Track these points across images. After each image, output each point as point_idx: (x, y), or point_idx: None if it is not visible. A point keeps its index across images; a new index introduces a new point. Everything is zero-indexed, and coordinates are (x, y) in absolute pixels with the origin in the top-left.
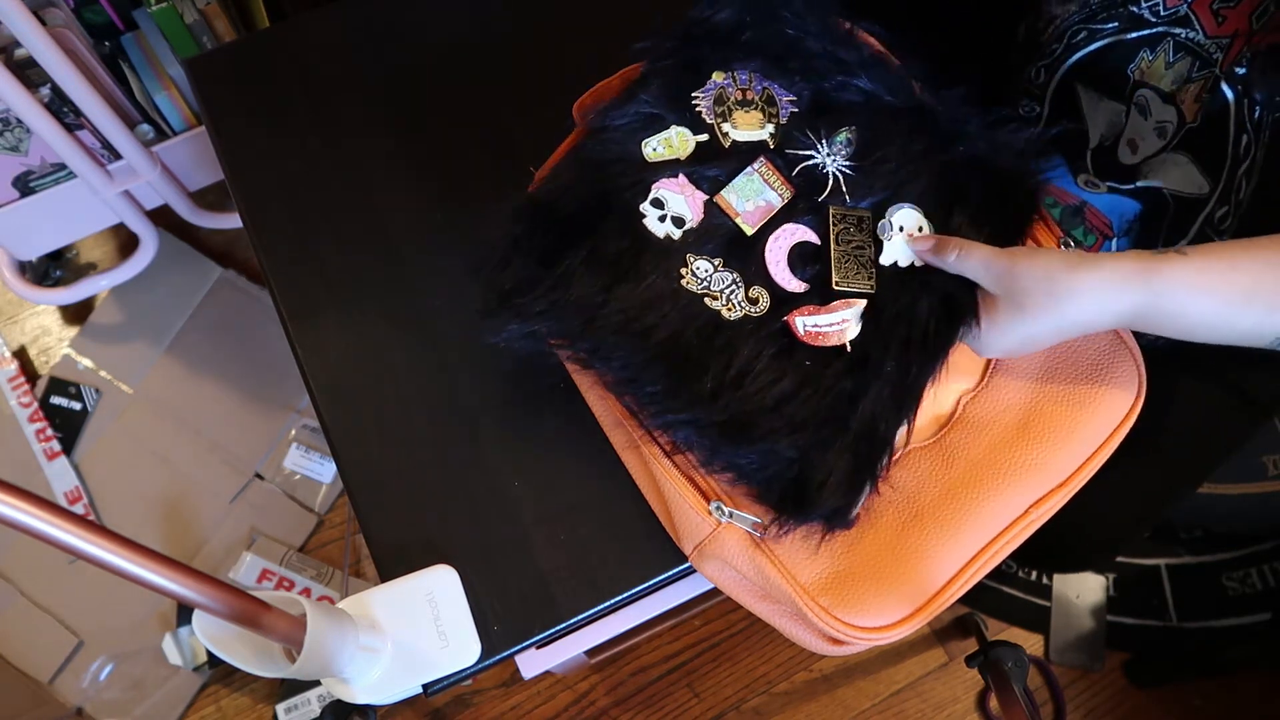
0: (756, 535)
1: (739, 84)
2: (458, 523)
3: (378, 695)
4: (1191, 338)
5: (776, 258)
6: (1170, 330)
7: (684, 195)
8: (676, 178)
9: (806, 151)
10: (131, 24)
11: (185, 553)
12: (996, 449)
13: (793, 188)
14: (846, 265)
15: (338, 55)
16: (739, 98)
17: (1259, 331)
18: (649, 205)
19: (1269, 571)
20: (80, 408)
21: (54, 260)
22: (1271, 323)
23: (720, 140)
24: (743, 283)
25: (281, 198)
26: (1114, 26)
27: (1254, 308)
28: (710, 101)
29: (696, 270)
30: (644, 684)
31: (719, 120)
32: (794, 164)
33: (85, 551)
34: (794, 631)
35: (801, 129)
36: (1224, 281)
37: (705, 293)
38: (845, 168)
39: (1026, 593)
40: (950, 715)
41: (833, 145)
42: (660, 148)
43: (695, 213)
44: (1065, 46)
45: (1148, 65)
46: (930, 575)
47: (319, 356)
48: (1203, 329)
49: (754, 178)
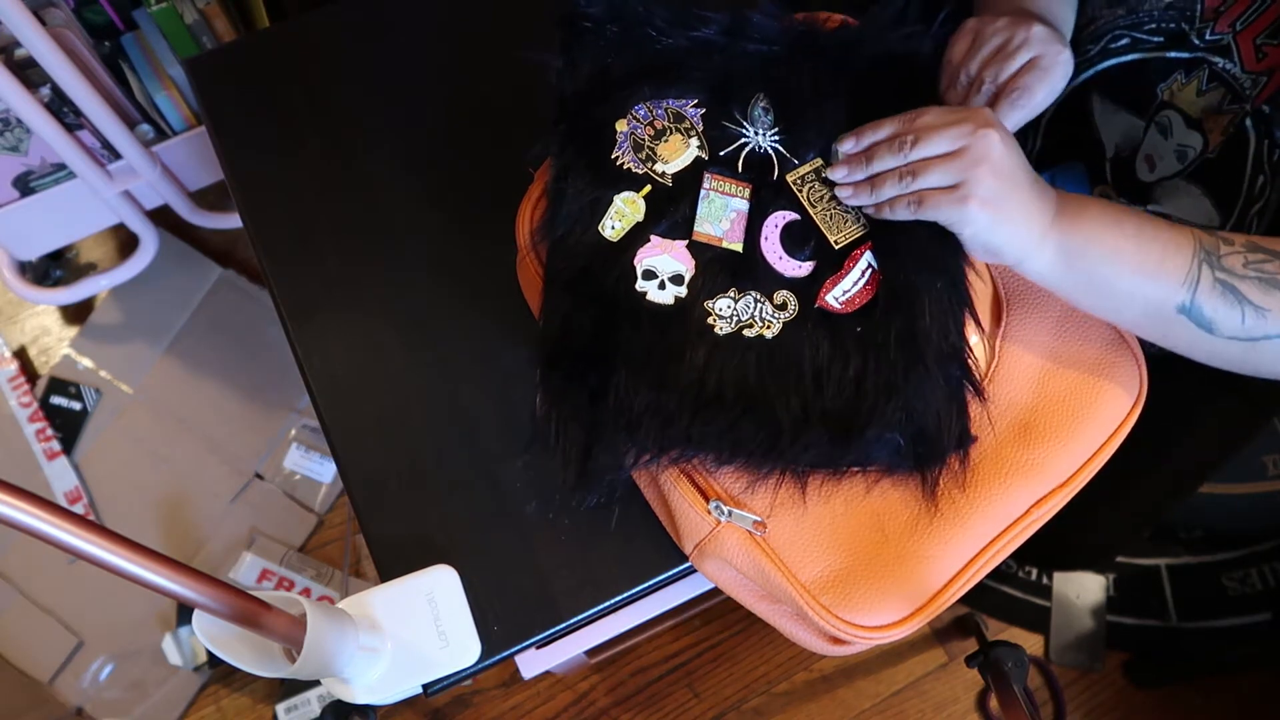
0: (757, 534)
1: (644, 120)
2: (458, 523)
3: (378, 695)
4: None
5: (775, 253)
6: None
7: (666, 253)
8: (650, 241)
9: (738, 142)
10: (131, 24)
11: (185, 553)
12: (998, 449)
13: (748, 183)
14: (834, 220)
15: (338, 55)
16: (652, 133)
17: (1161, 289)
18: (643, 282)
19: (1269, 571)
20: (80, 408)
21: (54, 260)
22: (1161, 289)
23: (662, 182)
24: (764, 296)
25: (281, 197)
26: (1158, 41)
27: (1149, 261)
28: (630, 152)
29: (721, 311)
30: (644, 684)
31: (649, 165)
32: (735, 160)
33: (85, 551)
34: (794, 631)
35: (720, 124)
36: (1115, 236)
37: (740, 327)
38: (776, 136)
39: (1026, 593)
40: (950, 715)
41: (755, 121)
42: (617, 223)
43: (686, 262)
44: (1101, 49)
45: (1179, 88)
46: (931, 574)
47: (319, 356)
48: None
49: (711, 197)
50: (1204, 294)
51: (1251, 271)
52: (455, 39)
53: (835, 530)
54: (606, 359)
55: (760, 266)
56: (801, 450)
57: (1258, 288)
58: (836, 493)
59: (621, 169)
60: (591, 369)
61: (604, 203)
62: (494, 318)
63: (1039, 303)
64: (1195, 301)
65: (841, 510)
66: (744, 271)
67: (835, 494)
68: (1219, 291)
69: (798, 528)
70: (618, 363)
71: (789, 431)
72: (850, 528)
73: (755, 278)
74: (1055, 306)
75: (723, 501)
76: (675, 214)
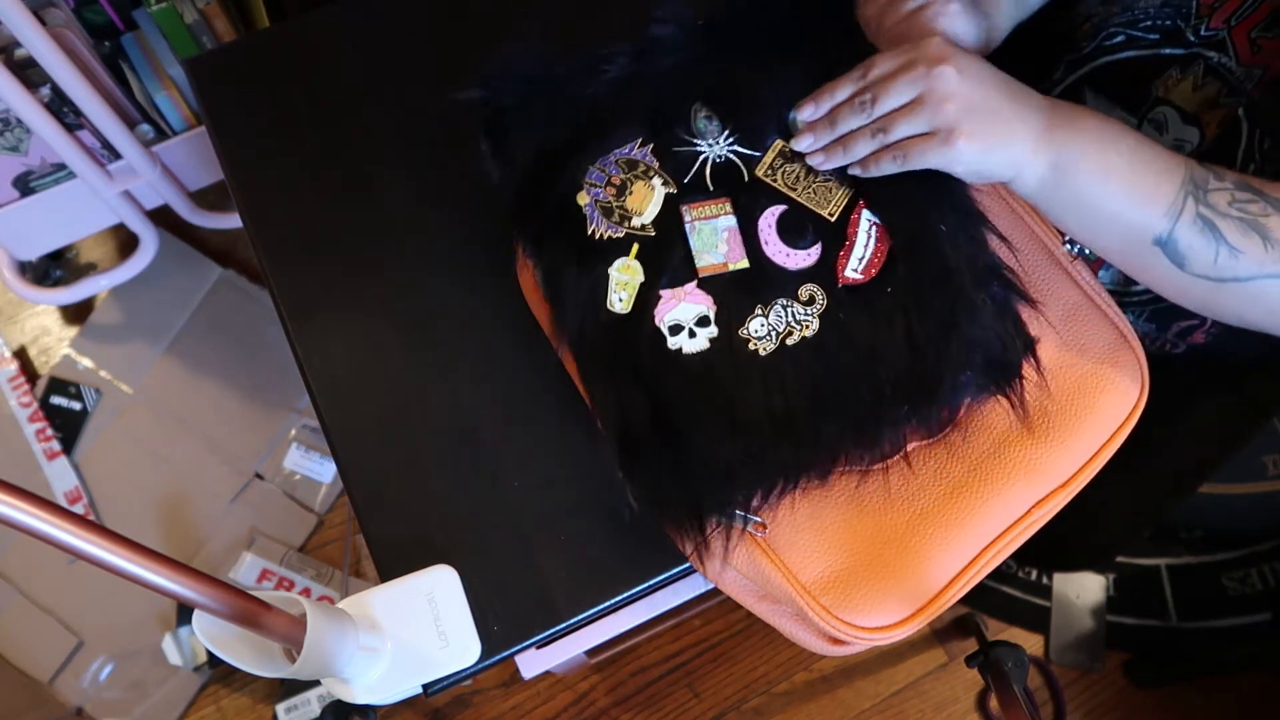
0: (757, 535)
1: (601, 183)
2: (458, 523)
3: (378, 695)
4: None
5: (780, 252)
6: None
7: (682, 301)
8: (661, 297)
9: (699, 161)
10: (131, 24)
11: (185, 553)
12: (999, 449)
13: (725, 197)
14: (819, 194)
15: (338, 55)
16: (614, 192)
17: (1143, 216)
18: (673, 339)
19: (1269, 571)
20: (80, 408)
21: (54, 260)
22: (1143, 216)
23: (645, 235)
24: (789, 299)
25: (281, 198)
26: (1154, 39)
27: (1137, 187)
28: (603, 220)
29: (756, 333)
30: (644, 684)
31: (625, 224)
32: (703, 180)
33: (85, 551)
34: (795, 631)
35: (672, 151)
36: (1109, 155)
37: (781, 339)
38: (729, 138)
39: (1026, 593)
40: (950, 715)
41: (704, 133)
42: (622, 294)
43: (704, 301)
44: (1096, 47)
45: (1174, 84)
46: (932, 575)
47: (319, 356)
48: (1091, 196)
49: (698, 227)
50: (1183, 227)
51: (1235, 211)
52: (455, 39)
53: (836, 531)
54: (673, 427)
55: (773, 272)
56: (892, 429)
57: (1237, 228)
58: (837, 493)
59: (602, 240)
60: (665, 444)
61: (601, 281)
62: (494, 317)
63: (1042, 300)
64: (1174, 234)
65: (842, 511)
66: (760, 284)
67: (835, 495)
68: (1198, 227)
69: (798, 529)
70: (685, 426)
71: (870, 417)
72: (851, 528)
73: (773, 285)
74: (1056, 307)
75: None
76: (672, 260)
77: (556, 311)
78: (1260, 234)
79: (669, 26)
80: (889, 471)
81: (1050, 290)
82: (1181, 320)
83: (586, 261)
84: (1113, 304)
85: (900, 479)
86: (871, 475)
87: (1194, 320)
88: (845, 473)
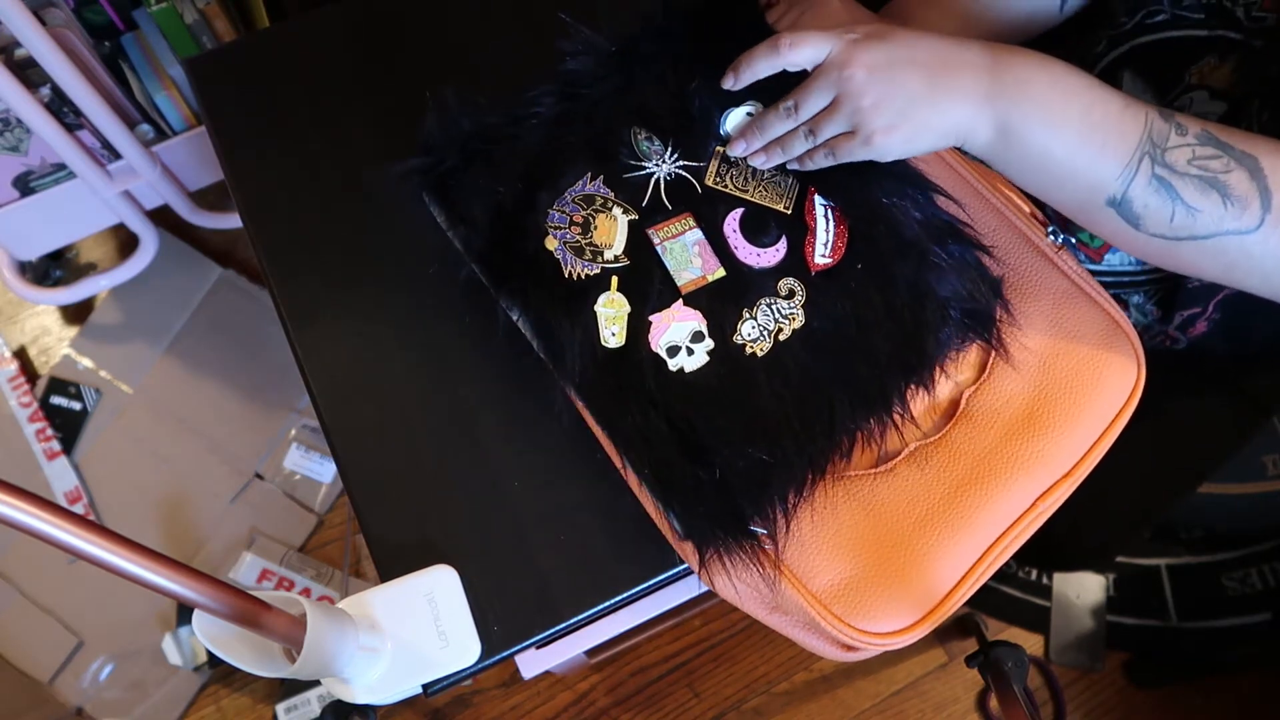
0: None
1: (564, 224)
2: (458, 523)
3: (378, 695)
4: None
5: (750, 254)
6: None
7: (672, 322)
8: (651, 322)
9: (651, 183)
10: (131, 24)
11: (185, 553)
12: (1002, 442)
13: (686, 212)
14: (770, 190)
15: (338, 55)
16: (578, 230)
17: (1095, 178)
18: (674, 360)
19: (1269, 571)
20: (80, 408)
21: (54, 260)
22: (1095, 178)
23: (620, 265)
24: (771, 297)
25: (281, 198)
26: (1199, 18)
27: (1089, 149)
28: (575, 260)
29: (749, 335)
30: (644, 684)
31: (598, 259)
32: (660, 201)
33: (85, 551)
34: (807, 640)
35: (623, 179)
36: (1057, 116)
37: (774, 336)
38: (673, 154)
39: (1026, 593)
40: (950, 715)
41: (649, 154)
42: (613, 329)
43: (693, 318)
44: (1136, 24)
45: (1210, 69)
46: (941, 575)
47: (319, 356)
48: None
49: (667, 247)
50: (1138, 188)
51: (1194, 169)
52: (455, 38)
53: (842, 538)
54: (697, 445)
55: (749, 274)
56: (897, 395)
57: (1195, 186)
58: (841, 499)
59: (580, 280)
60: (695, 465)
61: (590, 320)
62: (495, 317)
63: (1031, 293)
64: (1128, 195)
65: (847, 517)
66: (741, 289)
67: (839, 501)
68: (1154, 188)
69: (804, 538)
70: (710, 442)
71: (875, 389)
72: (857, 534)
73: (753, 287)
74: (1047, 295)
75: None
76: (653, 284)
77: (555, 363)
78: (1220, 191)
79: (585, 59)
80: (893, 474)
81: (1038, 281)
82: (1185, 309)
83: (570, 305)
84: (1101, 290)
85: (904, 481)
86: (875, 479)
87: (1197, 308)
88: (849, 477)
